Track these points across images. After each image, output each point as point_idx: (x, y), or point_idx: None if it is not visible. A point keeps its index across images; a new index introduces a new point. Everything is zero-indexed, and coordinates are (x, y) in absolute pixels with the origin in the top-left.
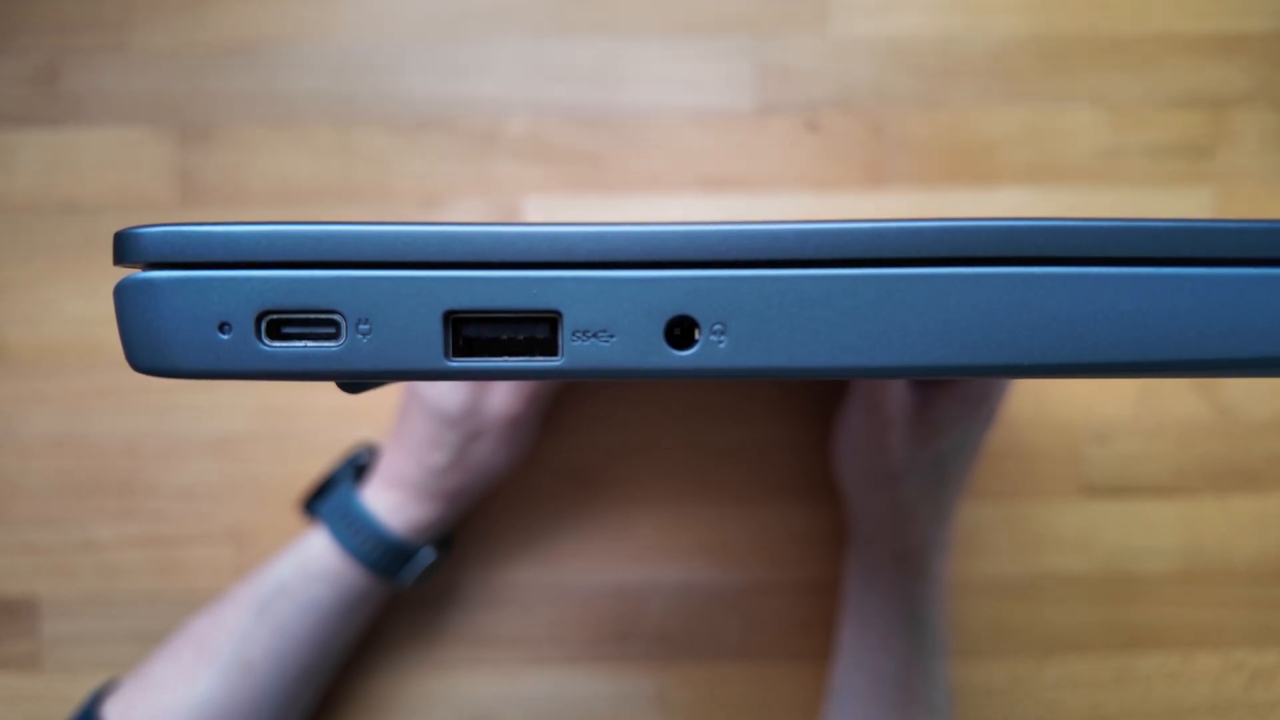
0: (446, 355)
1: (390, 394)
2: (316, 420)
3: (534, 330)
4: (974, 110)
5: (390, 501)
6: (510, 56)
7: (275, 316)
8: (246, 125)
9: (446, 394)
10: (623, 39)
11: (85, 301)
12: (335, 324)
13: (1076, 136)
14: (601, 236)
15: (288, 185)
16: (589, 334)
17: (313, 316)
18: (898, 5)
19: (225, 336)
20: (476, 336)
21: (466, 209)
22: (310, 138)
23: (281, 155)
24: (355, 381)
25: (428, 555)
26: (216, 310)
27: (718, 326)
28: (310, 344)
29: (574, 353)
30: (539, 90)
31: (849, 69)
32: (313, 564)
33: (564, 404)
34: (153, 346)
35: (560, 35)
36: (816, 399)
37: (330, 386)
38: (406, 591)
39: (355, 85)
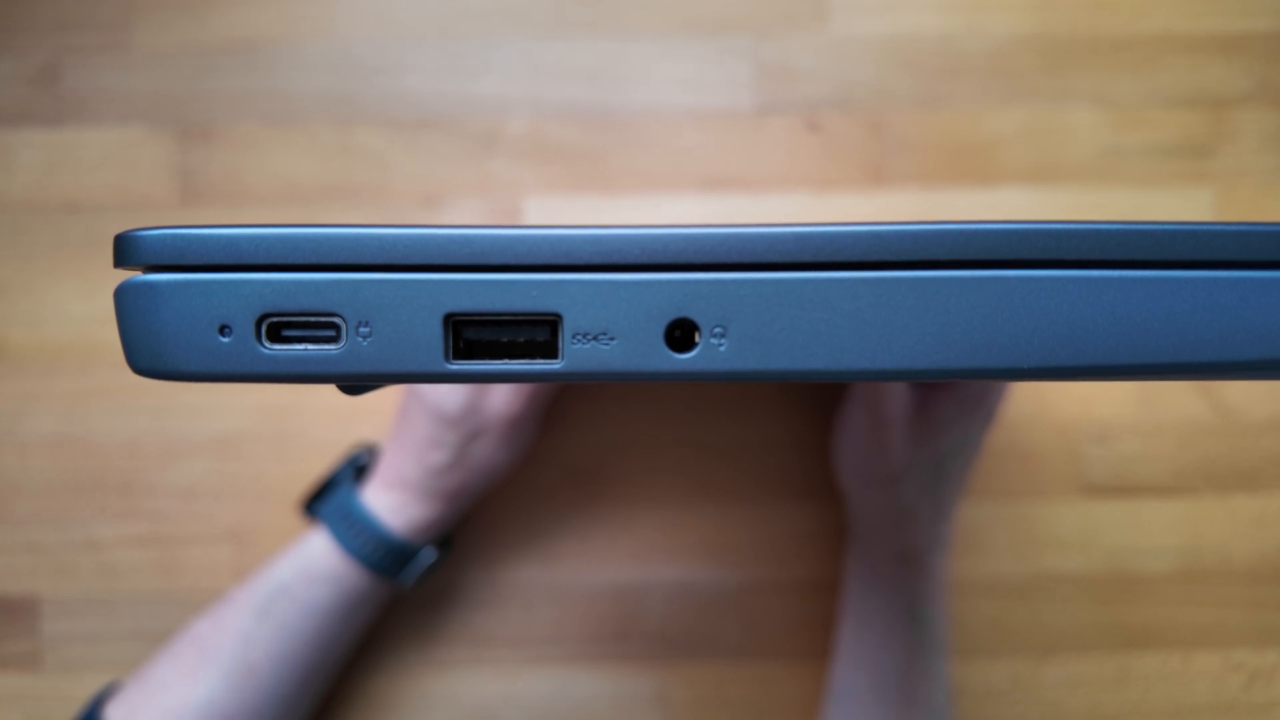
0: (447, 358)
1: (390, 394)
2: (316, 420)
3: (534, 333)
4: (974, 110)
5: (391, 502)
6: (510, 56)
7: (276, 319)
8: (247, 125)
9: (446, 394)
10: (623, 39)
11: (85, 301)
12: (335, 327)
13: (1077, 136)
14: (601, 239)
15: (288, 185)
16: (589, 336)
17: (313, 319)
18: (898, 5)
19: (226, 339)
20: (477, 339)
21: (466, 209)
22: (310, 137)
23: (281, 155)
24: (355, 384)
25: (428, 555)
26: (217, 313)
27: (718, 329)
28: (310, 347)
29: (574, 355)
30: (539, 90)
31: (849, 69)
32: (314, 565)
33: (564, 403)
34: (153, 349)
35: (560, 35)
36: (816, 398)
37: (330, 387)
38: (407, 591)
39: (355, 85)
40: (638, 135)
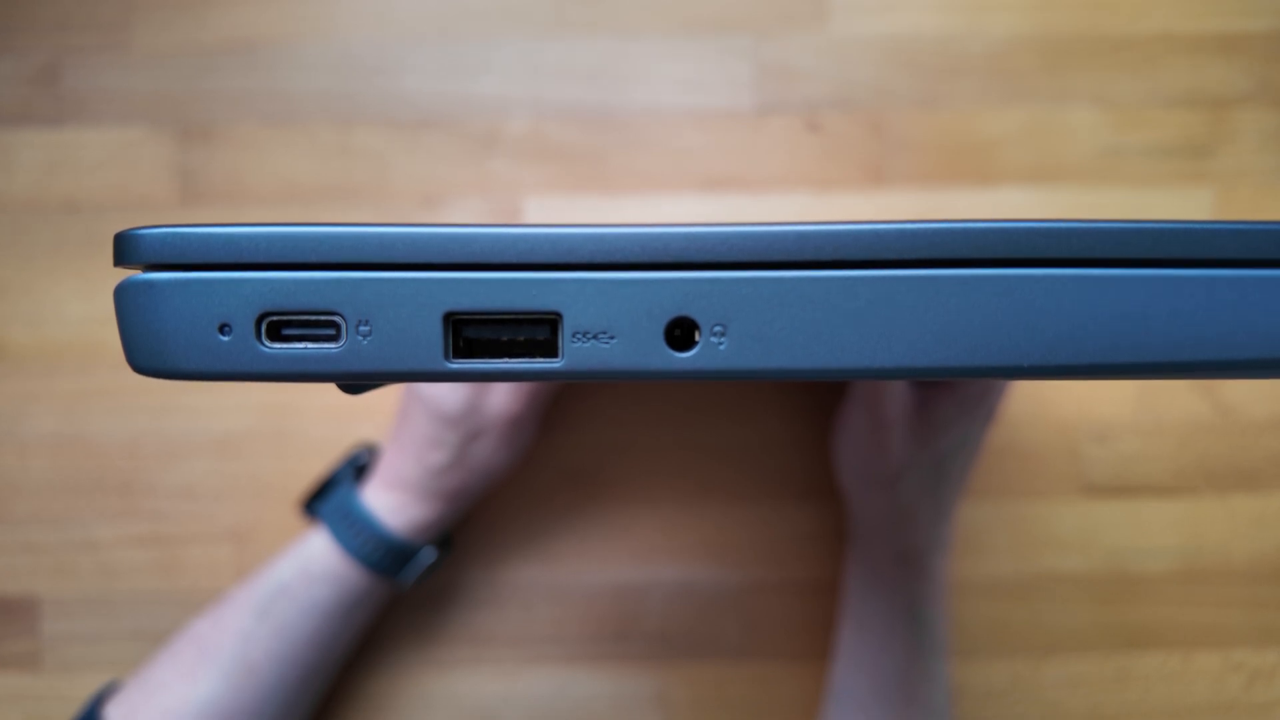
0: (447, 357)
1: (390, 393)
2: (316, 419)
3: (534, 332)
4: (974, 110)
5: (390, 502)
6: (510, 56)
7: (276, 318)
8: (247, 125)
9: (447, 394)
10: (623, 39)
11: (85, 301)
12: (336, 325)
13: (1077, 136)
14: (602, 238)
15: (288, 185)
16: (589, 335)
17: (313, 318)
18: (898, 5)
19: (225, 338)
20: (477, 338)
21: (466, 209)
22: (310, 137)
23: (281, 155)
24: (355, 383)
25: (428, 555)
26: (217, 312)
27: (718, 328)
28: (310, 345)
29: (574, 354)
30: (539, 90)
31: (849, 69)
32: (313, 565)
33: (564, 403)
34: (153, 348)
35: (560, 35)
36: (816, 398)
37: (330, 386)
38: (407, 591)
39: (355, 84)
40: (638, 135)
